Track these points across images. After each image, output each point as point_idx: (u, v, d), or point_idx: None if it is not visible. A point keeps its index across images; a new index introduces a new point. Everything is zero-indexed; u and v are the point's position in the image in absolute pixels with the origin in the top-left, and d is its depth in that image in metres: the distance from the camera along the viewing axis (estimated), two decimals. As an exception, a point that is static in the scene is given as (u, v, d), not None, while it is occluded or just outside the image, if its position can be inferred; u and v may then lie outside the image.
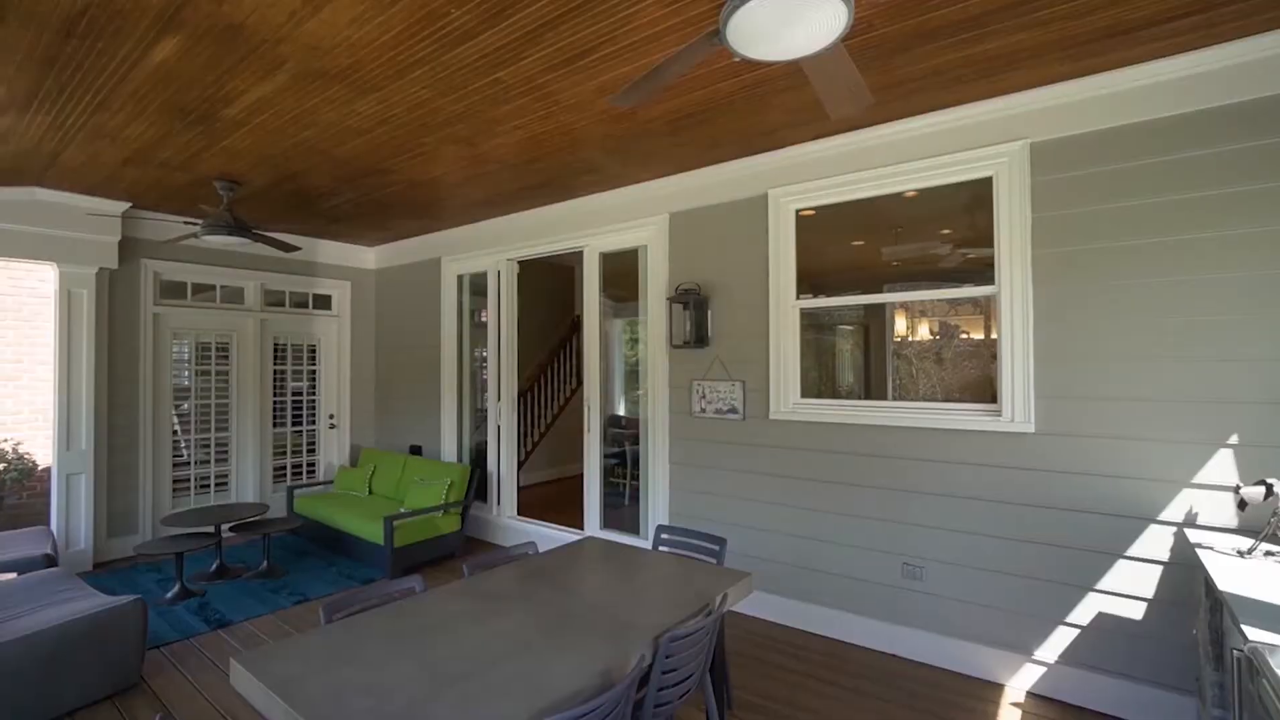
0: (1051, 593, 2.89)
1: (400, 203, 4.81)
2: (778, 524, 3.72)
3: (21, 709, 2.62)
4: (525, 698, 1.58)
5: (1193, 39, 2.45)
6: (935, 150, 3.19)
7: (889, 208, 3.62)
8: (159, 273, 5.32)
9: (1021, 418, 2.95)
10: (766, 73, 2.69)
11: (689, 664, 2.01)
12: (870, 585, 3.40)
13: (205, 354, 5.71)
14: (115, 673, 2.92)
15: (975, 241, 3.85)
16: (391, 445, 6.56)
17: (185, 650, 3.41)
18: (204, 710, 2.82)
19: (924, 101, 3.02)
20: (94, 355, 4.79)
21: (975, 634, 3.09)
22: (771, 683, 3.05)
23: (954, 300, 4.99)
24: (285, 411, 6.28)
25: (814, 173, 3.58)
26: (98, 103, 2.93)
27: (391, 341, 6.64)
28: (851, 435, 3.46)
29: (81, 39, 2.35)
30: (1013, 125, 2.98)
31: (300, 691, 1.59)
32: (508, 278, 5.39)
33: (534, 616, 2.09)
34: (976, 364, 5.24)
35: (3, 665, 2.55)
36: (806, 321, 3.75)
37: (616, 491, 6.00)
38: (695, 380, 4.07)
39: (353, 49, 2.46)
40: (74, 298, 4.72)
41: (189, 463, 5.59)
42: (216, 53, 2.48)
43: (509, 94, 2.89)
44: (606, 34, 2.36)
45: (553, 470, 7.83)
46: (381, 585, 2.33)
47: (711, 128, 3.33)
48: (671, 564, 2.68)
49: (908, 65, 2.64)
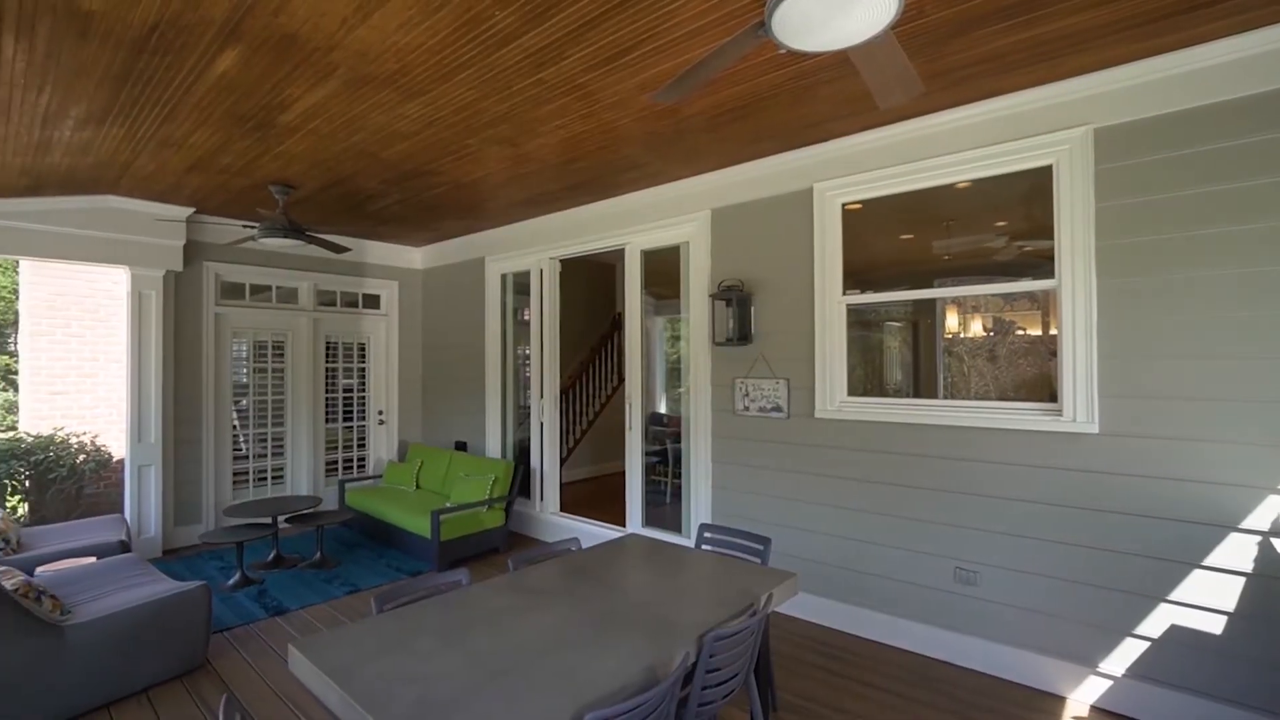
0: (1118, 602, 2.74)
1: (445, 203, 4.91)
2: (823, 524, 3.65)
3: (103, 685, 2.79)
4: (569, 692, 1.59)
5: (1267, 14, 2.28)
6: (990, 139, 3.06)
7: (940, 200, 3.49)
8: (220, 274, 5.58)
9: (1084, 417, 2.81)
10: (812, 64, 2.63)
11: (733, 664, 1.99)
12: (919, 589, 3.30)
13: (262, 352, 5.97)
14: (183, 654, 3.08)
15: (1033, 233, 3.69)
16: (437, 441, 6.72)
17: (246, 635, 3.57)
18: (264, 693, 2.94)
19: (978, 89, 2.90)
20: (162, 353, 5.06)
21: (1033, 643, 2.96)
22: (816, 685, 3.00)
23: (1009, 295, 4.78)
24: (337, 408, 6.50)
25: (861, 165, 3.49)
26: (166, 114, 3.08)
27: (437, 340, 6.79)
28: (901, 434, 3.36)
29: (152, 54, 2.48)
30: (1074, 111, 2.84)
31: (353, 678, 1.64)
32: (550, 276, 5.44)
33: (578, 612, 2.11)
34: (1033, 361, 5.01)
35: (87, 641, 2.72)
36: (852, 318, 3.67)
37: (658, 489, 6.00)
38: (738, 378, 4.03)
39: (400, 54, 2.52)
40: (144, 299, 4.99)
41: (247, 456, 5.85)
42: (273, 62, 2.57)
43: (551, 94, 2.91)
44: (648, 30, 2.35)
45: (594, 467, 7.89)
46: (429, 578, 2.38)
47: (755, 122, 3.28)
48: (715, 563, 2.66)
49: (961, 51, 2.55)
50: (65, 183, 4.19)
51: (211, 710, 2.80)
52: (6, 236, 4.35)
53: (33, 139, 3.31)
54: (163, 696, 2.92)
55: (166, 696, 2.92)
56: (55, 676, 2.63)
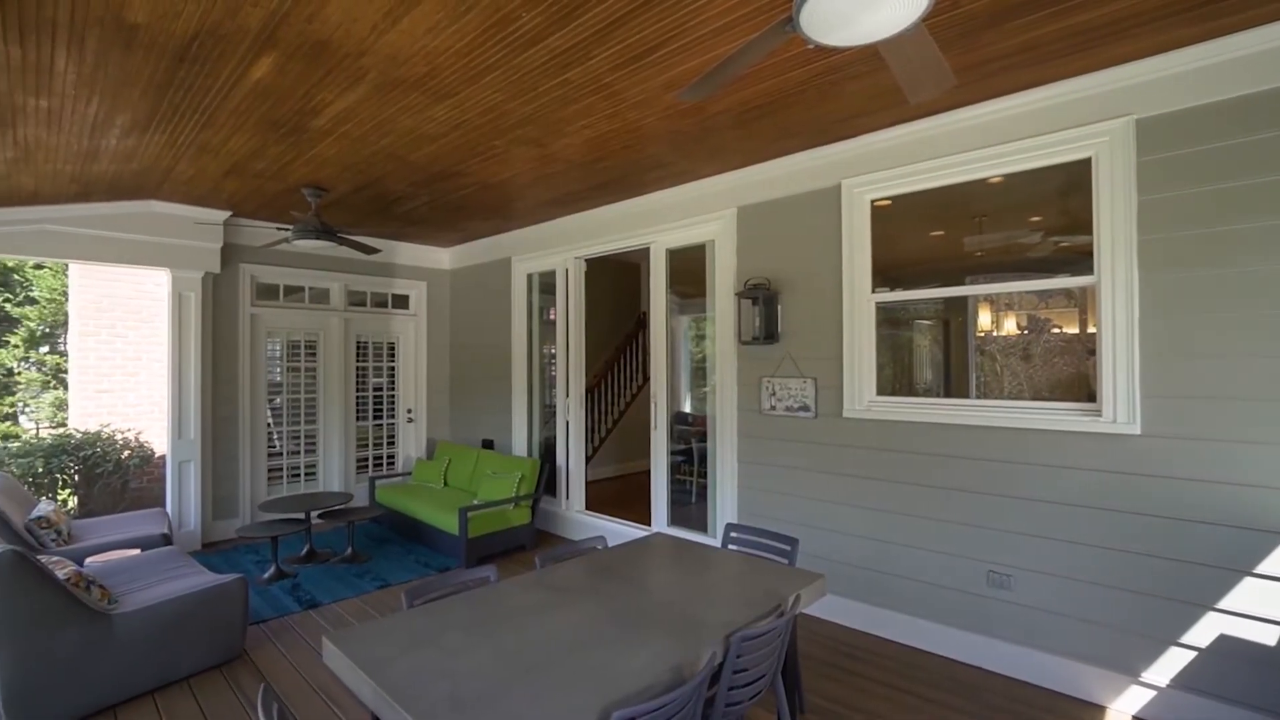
0: (1161, 609, 2.65)
1: (472, 204, 4.97)
2: (851, 525, 3.60)
3: (148, 672, 2.89)
4: (597, 690, 1.60)
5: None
6: (1025, 132, 2.98)
7: (972, 195, 3.41)
8: (255, 276, 5.73)
9: (1125, 418, 2.72)
10: (840, 59, 2.59)
11: (761, 664, 1.97)
12: (951, 592, 3.23)
13: (295, 351, 6.11)
14: (222, 644, 3.17)
15: (1069, 228, 3.58)
16: (465, 439, 6.81)
17: (281, 627, 3.66)
18: (299, 684, 3.02)
19: (1013, 80, 2.83)
20: (201, 352, 5.21)
21: (1070, 649, 2.88)
22: (844, 688, 2.96)
23: (1045, 292, 4.65)
24: (367, 406, 6.63)
25: (890, 161, 3.43)
26: (204, 120, 3.18)
27: (465, 339, 6.88)
28: (932, 435, 3.30)
29: (191, 63, 2.56)
30: (1115, 101, 2.75)
31: (386, 672, 1.67)
32: (575, 276, 5.47)
33: (604, 610, 2.11)
34: (1069, 360, 4.86)
35: (133, 630, 2.82)
36: (881, 316, 3.61)
37: (683, 489, 5.98)
38: (765, 377, 4.00)
39: (429, 57, 2.55)
40: (184, 300, 5.15)
41: (281, 453, 6.00)
42: (306, 68, 2.63)
43: (577, 94, 2.92)
44: (674, 28, 2.34)
45: (619, 466, 7.91)
46: (457, 574, 2.41)
47: (781, 118, 3.25)
48: (741, 563, 2.65)
49: (995, 42, 2.48)
50: (111, 189, 4.35)
51: (250, 700, 2.88)
52: (58, 241, 4.53)
53: (82, 147, 3.44)
54: (204, 685, 3.01)
55: (207, 685, 3.01)
56: (104, 662, 2.73)
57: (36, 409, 9.55)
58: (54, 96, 2.78)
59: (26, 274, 10.15)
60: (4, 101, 2.79)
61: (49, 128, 3.12)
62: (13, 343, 9.88)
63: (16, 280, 10.30)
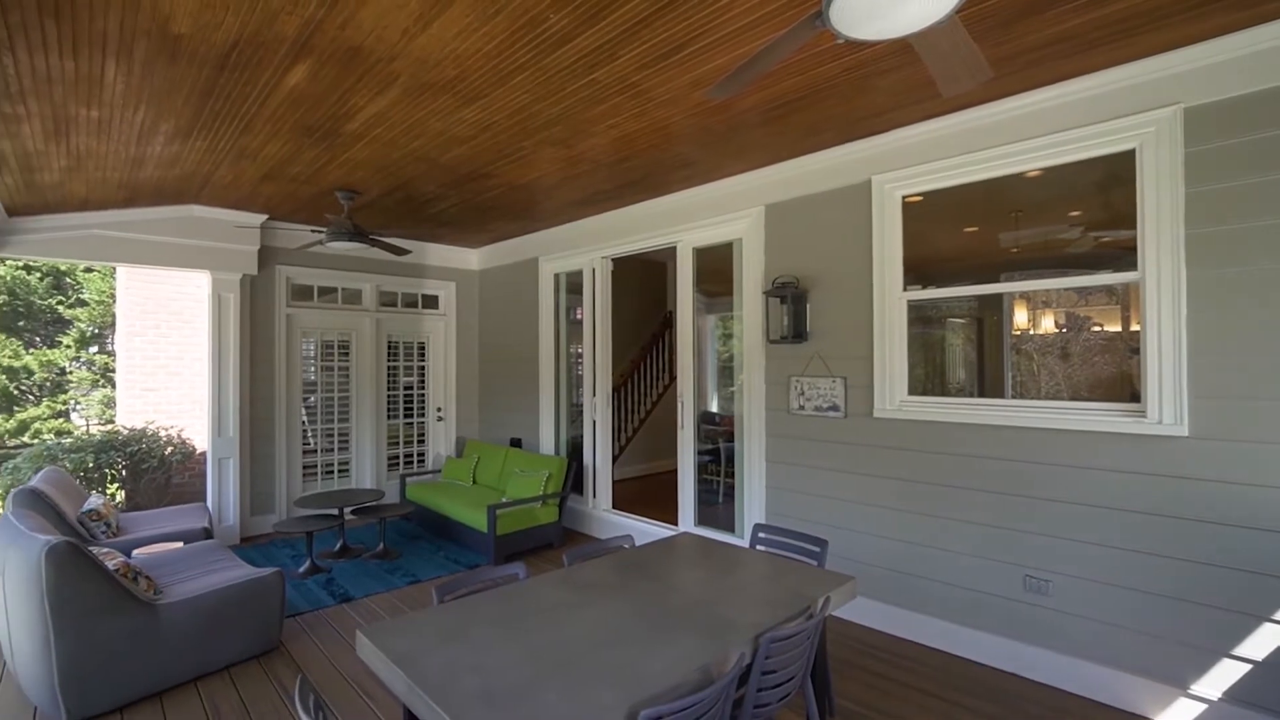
0: (1213, 619, 2.54)
1: (501, 205, 5.02)
2: (882, 527, 3.54)
3: (191, 660, 2.99)
4: (625, 688, 1.60)
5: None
6: (1064, 124, 2.89)
7: (1008, 190, 3.33)
8: (290, 277, 5.88)
9: (1171, 419, 2.62)
10: (870, 53, 2.55)
11: (790, 666, 1.95)
12: (985, 597, 3.16)
13: (329, 351, 6.26)
14: (260, 636, 3.26)
15: (1111, 223, 3.46)
16: (493, 438, 6.89)
17: (316, 620, 3.75)
18: (333, 676, 3.09)
19: (1051, 71, 2.75)
20: (239, 352, 5.37)
21: (1113, 658, 2.79)
22: (874, 692, 2.91)
23: (1084, 289, 4.50)
24: (398, 404, 6.75)
25: (922, 156, 3.36)
26: (243, 126, 3.27)
27: (493, 339, 6.96)
28: (966, 435, 3.23)
29: (231, 71, 2.63)
30: (1161, 90, 2.64)
31: (418, 666, 1.70)
32: (602, 275, 5.48)
33: (632, 609, 2.12)
34: (1111, 359, 4.71)
35: (177, 620, 2.92)
36: (913, 314, 3.54)
37: (710, 488, 5.96)
38: (794, 376, 3.95)
39: (459, 60, 2.58)
40: (223, 301, 5.31)
41: (315, 450, 6.15)
42: (339, 74, 2.69)
43: (604, 94, 2.93)
44: (702, 26, 2.33)
45: (646, 465, 7.91)
46: (487, 571, 2.44)
47: (810, 114, 3.21)
48: (770, 563, 2.62)
49: (1033, 32, 2.41)
50: (155, 194, 4.51)
51: (287, 691, 2.96)
52: (106, 245, 4.72)
53: (129, 154, 3.57)
54: (242, 675, 3.10)
55: (246, 675, 3.10)
56: (150, 651, 2.83)
57: (86, 406, 9.97)
58: (104, 106, 2.89)
59: (77, 277, 10.59)
60: (59, 113, 2.92)
61: (99, 136, 3.25)
62: (65, 343, 10.32)
63: (69, 283, 10.75)
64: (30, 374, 9.88)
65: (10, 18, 2.11)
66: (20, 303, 10.30)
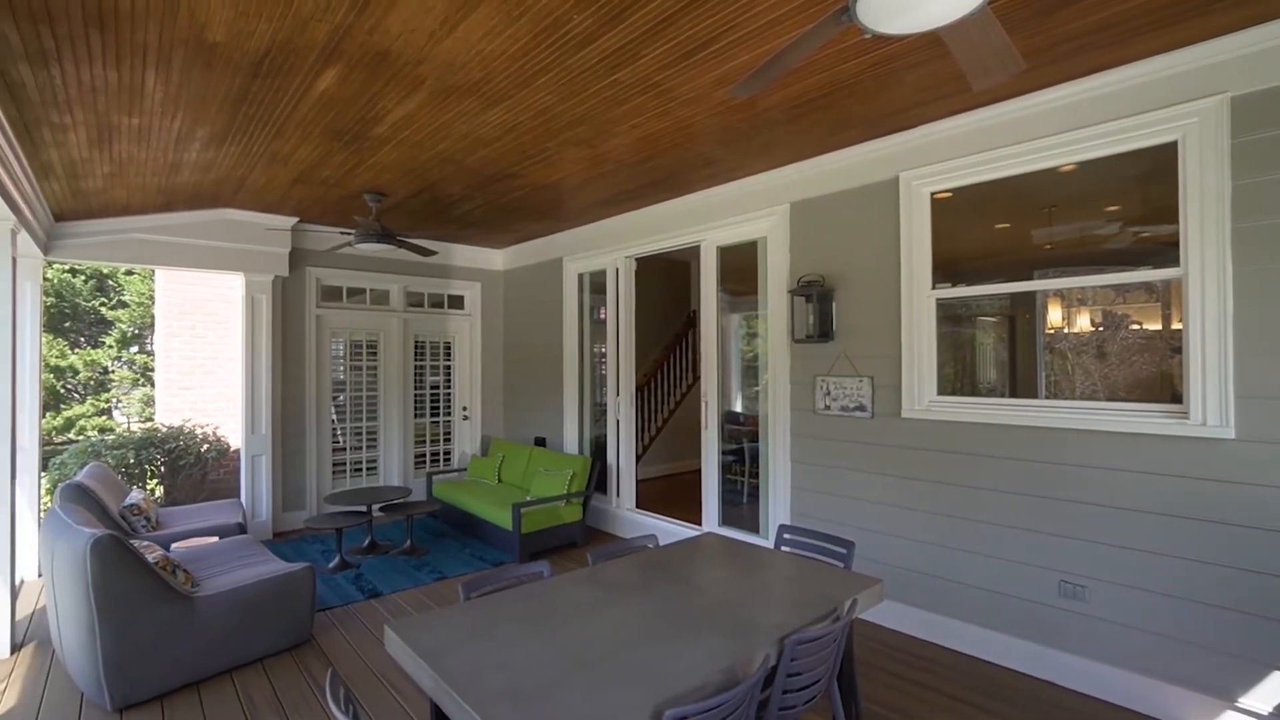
0: (1263, 630, 2.44)
1: (525, 206, 5.06)
2: (910, 529, 3.48)
3: (226, 652, 3.08)
4: (650, 687, 1.60)
5: None
6: (1101, 116, 2.81)
7: (1041, 184, 3.23)
8: (320, 278, 6.01)
9: (1215, 421, 2.52)
10: (897, 47, 2.50)
11: (816, 669, 1.93)
12: (1018, 602, 3.08)
13: (357, 351, 6.38)
14: (292, 629, 3.34)
15: (1151, 217, 3.35)
16: (518, 436, 6.95)
17: (345, 615, 3.82)
18: (362, 670, 3.14)
19: (1088, 62, 2.67)
20: (271, 352, 5.50)
21: (1153, 668, 2.70)
22: (903, 696, 2.87)
23: (1123, 286, 4.36)
24: (424, 403, 6.85)
25: (951, 151, 3.29)
26: (274, 131, 3.35)
27: (517, 338, 7.01)
28: (997, 436, 3.15)
29: (264, 78, 2.70)
30: (1206, 78, 2.55)
31: (445, 661, 1.72)
32: (626, 275, 5.49)
33: (656, 608, 2.11)
34: (1150, 358, 4.55)
35: (213, 612, 3.01)
36: (941, 313, 3.47)
37: (734, 489, 5.92)
38: (819, 376, 3.91)
39: (484, 63, 2.61)
40: (256, 303, 5.45)
41: (344, 448, 6.27)
42: (368, 78, 2.73)
43: (627, 94, 2.93)
44: (726, 23, 2.31)
45: (669, 465, 7.90)
46: (512, 568, 2.46)
47: (836, 111, 3.17)
48: (795, 565, 2.60)
49: (1068, 22, 2.35)
50: (192, 198, 4.64)
51: (317, 683, 3.02)
52: (146, 248, 4.87)
53: (167, 160, 3.68)
54: (275, 667, 3.18)
55: (279, 667, 3.18)
56: (188, 641, 2.92)
57: (127, 405, 10.31)
58: (144, 114, 2.99)
59: (119, 280, 10.96)
60: (102, 121, 3.02)
61: (139, 143, 3.35)
62: (107, 343, 10.69)
63: (111, 285, 11.14)
64: (75, 373, 10.26)
65: (58, 29, 2.19)
66: (66, 304, 10.70)
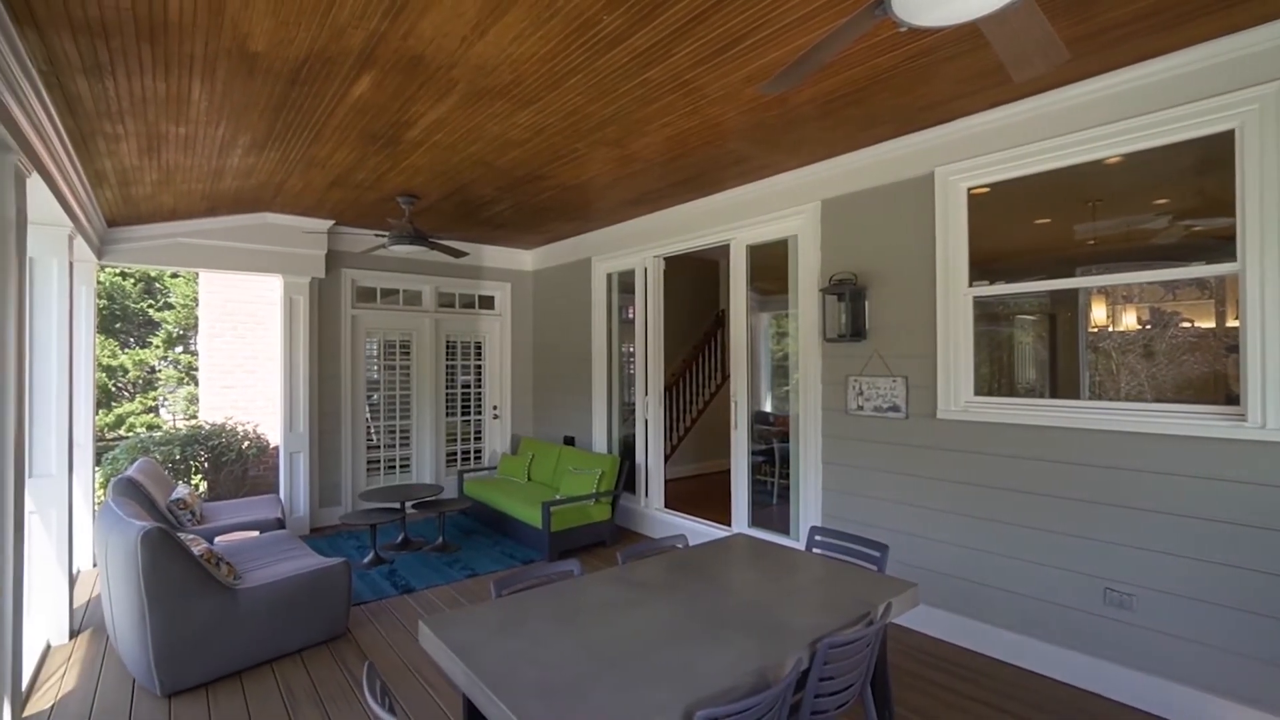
0: (1318, 641, 2.32)
1: (554, 206, 5.09)
2: (945, 533, 3.40)
3: (267, 643, 3.17)
4: (679, 687, 1.59)
5: None
6: (1150, 106, 2.70)
7: (1085, 178, 3.13)
8: (355, 280, 6.14)
9: (1276, 424, 2.40)
10: (933, 40, 2.45)
11: (848, 674, 1.90)
12: (1060, 609, 2.99)
13: (391, 351, 6.50)
14: (329, 622, 3.42)
15: (1204, 210, 3.20)
16: (547, 435, 7.00)
17: (379, 609, 3.90)
18: (396, 664, 3.21)
19: (1136, 49, 2.57)
20: (308, 352, 5.65)
21: (1205, 681, 2.58)
22: (939, 704, 2.80)
23: (1172, 282, 4.18)
24: (456, 402, 6.95)
25: (990, 145, 3.21)
26: (312, 136, 3.43)
27: (547, 338, 7.07)
28: (1038, 438, 3.06)
29: (302, 85, 2.77)
30: (1265, 63, 2.43)
31: (477, 657, 1.74)
32: (654, 274, 5.49)
33: (686, 608, 2.10)
34: (1202, 358, 4.36)
35: (254, 604, 3.10)
36: (979, 311, 3.38)
37: (764, 489, 5.88)
38: (851, 376, 3.85)
39: (514, 65, 2.63)
40: (294, 304, 5.60)
41: (378, 446, 6.40)
42: (401, 83, 2.78)
43: (657, 93, 2.92)
44: (757, 20, 2.29)
45: (698, 465, 7.87)
46: (542, 566, 2.48)
47: (869, 106, 3.11)
48: (827, 567, 2.56)
49: (1115, 8, 2.26)
50: (233, 203, 4.80)
51: (354, 675, 3.09)
52: (190, 252, 5.05)
53: (210, 167, 3.81)
54: (313, 659, 3.26)
55: (316, 659, 3.26)
56: (231, 632, 3.01)
57: (173, 403, 10.71)
58: (190, 123, 3.09)
59: (165, 282, 11.39)
60: (151, 130, 3.14)
61: (185, 151, 3.47)
62: (155, 343, 11.11)
63: (158, 288, 11.58)
64: (125, 372, 10.69)
65: (112, 42, 2.28)
66: (117, 306, 11.16)
